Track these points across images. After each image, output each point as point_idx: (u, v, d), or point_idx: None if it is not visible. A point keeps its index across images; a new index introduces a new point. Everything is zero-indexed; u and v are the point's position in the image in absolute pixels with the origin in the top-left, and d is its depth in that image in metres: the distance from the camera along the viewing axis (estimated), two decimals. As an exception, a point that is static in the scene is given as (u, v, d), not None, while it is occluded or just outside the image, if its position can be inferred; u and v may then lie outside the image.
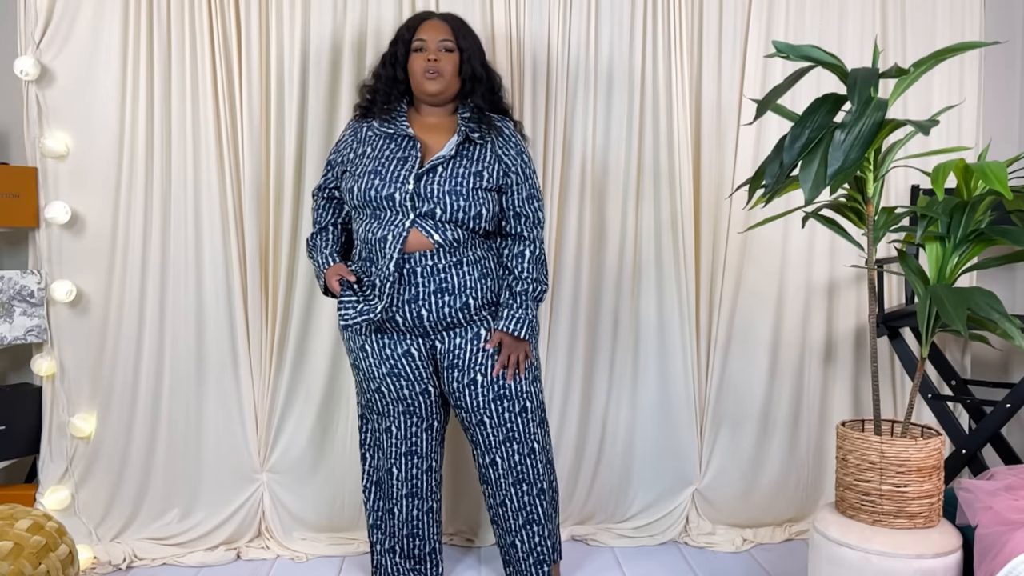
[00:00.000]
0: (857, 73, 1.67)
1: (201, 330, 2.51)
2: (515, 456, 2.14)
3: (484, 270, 2.10)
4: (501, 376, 2.10)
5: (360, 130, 2.15)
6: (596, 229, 2.62)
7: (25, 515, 1.91)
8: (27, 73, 2.34)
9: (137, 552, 2.46)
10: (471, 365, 2.10)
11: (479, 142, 2.09)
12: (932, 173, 1.77)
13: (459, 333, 2.09)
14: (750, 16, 2.60)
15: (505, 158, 2.11)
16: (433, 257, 2.03)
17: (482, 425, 2.12)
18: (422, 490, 2.23)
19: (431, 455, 2.23)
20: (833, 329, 2.71)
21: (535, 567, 2.20)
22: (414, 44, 2.11)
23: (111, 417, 2.48)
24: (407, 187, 2.02)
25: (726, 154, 2.63)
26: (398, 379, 2.13)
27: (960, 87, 2.70)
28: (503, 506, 2.19)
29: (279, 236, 2.52)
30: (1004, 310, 1.67)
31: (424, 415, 2.18)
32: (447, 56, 2.10)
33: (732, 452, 2.68)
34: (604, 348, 2.65)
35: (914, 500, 1.78)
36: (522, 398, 2.13)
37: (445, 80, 2.09)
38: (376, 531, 2.27)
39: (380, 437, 2.22)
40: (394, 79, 2.15)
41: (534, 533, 2.19)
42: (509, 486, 2.16)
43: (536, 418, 2.17)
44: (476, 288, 2.07)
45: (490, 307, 2.11)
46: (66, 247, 2.43)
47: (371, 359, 2.12)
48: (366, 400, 2.21)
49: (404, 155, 2.06)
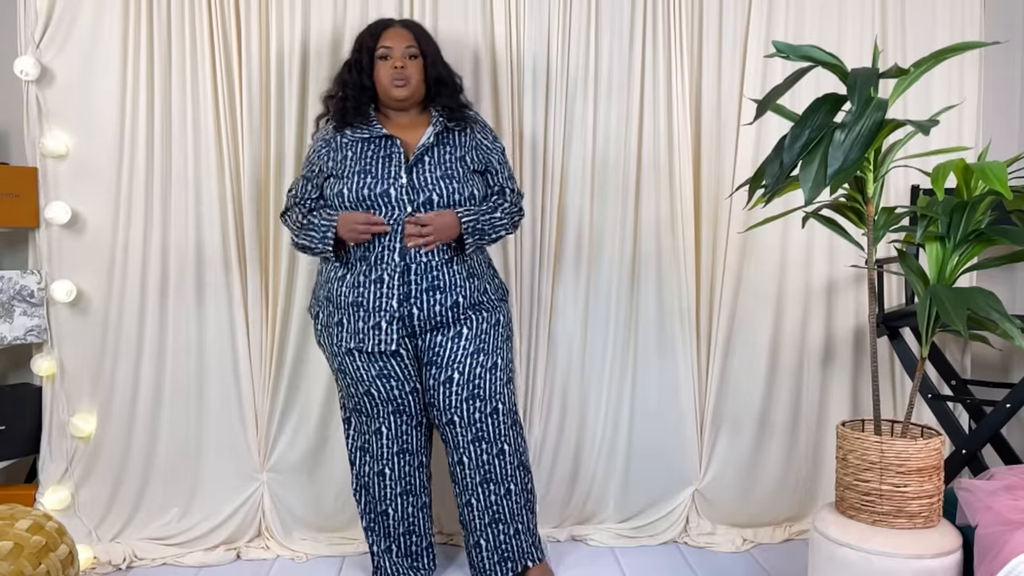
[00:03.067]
0: (857, 73, 1.67)
1: (201, 330, 2.51)
2: (483, 456, 2.15)
3: (472, 269, 2.14)
4: (476, 375, 2.12)
5: (334, 139, 2.16)
6: (596, 229, 2.62)
7: (25, 515, 1.91)
8: (27, 73, 2.34)
9: (137, 552, 2.46)
10: (449, 363, 2.12)
11: (456, 130, 2.17)
12: (932, 173, 1.76)
13: (441, 331, 2.11)
14: (750, 16, 2.60)
15: (484, 142, 2.21)
16: (428, 254, 2.06)
17: (452, 424, 2.14)
18: (415, 487, 2.24)
19: (421, 451, 2.25)
20: (833, 329, 2.71)
21: (499, 565, 2.19)
22: (379, 52, 2.15)
23: (111, 417, 2.48)
24: (400, 181, 2.06)
25: (726, 154, 2.63)
26: (388, 380, 2.14)
27: (960, 87, 2.69)
28: (469, 505, 2.19)
29: (279, 236, 2.52)
30: (1004, 310, 1.67)
31: (413, 412, 2.20)
32: (412, 63, 2.15)
33: (732, 452, 2.68)
34: (604, 348, 2.65)
35: (914, 500, 1.78)
36: (494, 399, 2.14)
37: (412, 86, 2.15)
38: (371, 533, 2.28)
39: (369, 439, 2.22)
40: (361, 86, 2.17)
41: (499, 531, 2.19)
42: (476, 485, 2.17)
43: (508, 420, 2.18)
44: (465, 287, 2.11)
45: (474, 307, 2.13)
46: (66, 247, 2.43)
47: (359, 363, 2.13)
48: (353, 404, 2.22)
49: (387, 153, 2.10)
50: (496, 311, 2.19)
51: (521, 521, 2.21)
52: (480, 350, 2.14)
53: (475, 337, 2.13)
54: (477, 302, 2.14)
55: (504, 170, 2.24)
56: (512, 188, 2.25)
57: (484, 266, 2.22)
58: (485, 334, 2.15)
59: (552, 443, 2.64)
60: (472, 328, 2.13)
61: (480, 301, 2.15)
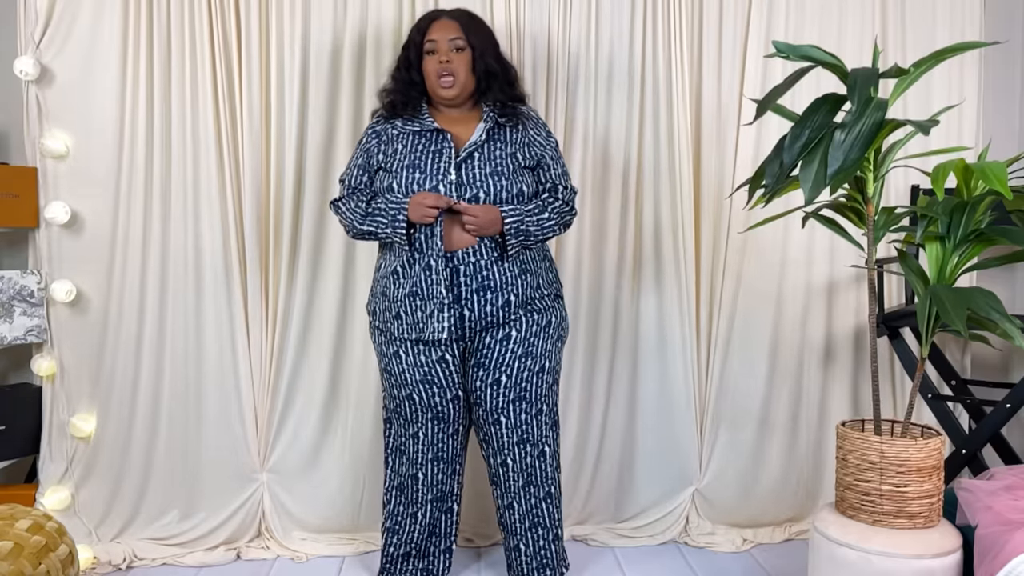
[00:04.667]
0: (857, 73, 1.67)
1: (201, 330, 2.51)
2: (527, 459, 2.14)
3: (524, 265, 2.10)
4: (523, 379, 2.11)
5: (385, 131, 2.14)
6: (596, 229, 2.62)
7: (25, 515, 1.91)
8: (27, 73, 2.34)
9: (137, 552, 2.46)
10: (497, 365, 2.10)
11: (507, 126, 2.12)
12: (932, 173, 1.76)
13: (490, 333, 2.09)
14: (750, 16, 2.60)
15: (538, 138, 2.16)
16: (476, 254, 2.04)
17: (498, 425, 2.13)
18: (446, 494, 2.23)
19: (456, 459, 2.22)
20: (833, 329, 2.71)
21: (538, 571, 2.20)
22: (425, 46, 2.11)
23: (111, 417, 2.48)
24: (450, 177, 2.03)
25: (726, 154, 2.63)
26: (431, 386, 2.12)
27: (960, 87, 2.70)
28: (510, 508, 2.19)
29: (279, 236, 2.52)
30: (1004, 310, 1.67)
31: (451, 420, 2.17)
32: (459, 56, 2.09)
33: (732, 452, 2.68)
34: (604, 348, 2.65)
35: (914, 500, 1.78)
36: (540, 401, 2.14)
37: (460, 82, 2.10)
38: (393, 535, 2.25)
39: (406, 443, 2.20)
40: (410, 82, 2.14)
41: (539, 536, 2.19)
42: (519, 488, 2.16)
43: (549, 421, 2.18)
44: (517, 284, 2.07)
45: (525, 305, 2.10)
46: (66, 247, 2.43)
47: (404, 365, 2.12)
48: (394, 405, 2.20)
49: (438, 148, 2.07)
50: (548, 312, 2.15)
51: (557, 526, 2.22)
52: (528, 353, 2.11)
53: (523, 340, 2.11)
54: (529, 300, 2.10)
55: (557, 165, 2.18)
56: (565, 185, 2.19)
57: (539, 260, 2.16)
58: (534, 336, 2.12)
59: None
60: (521, 331, 2.10)
61: (532, 299, 2.11)
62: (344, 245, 2.53)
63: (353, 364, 2.57)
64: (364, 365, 2.56)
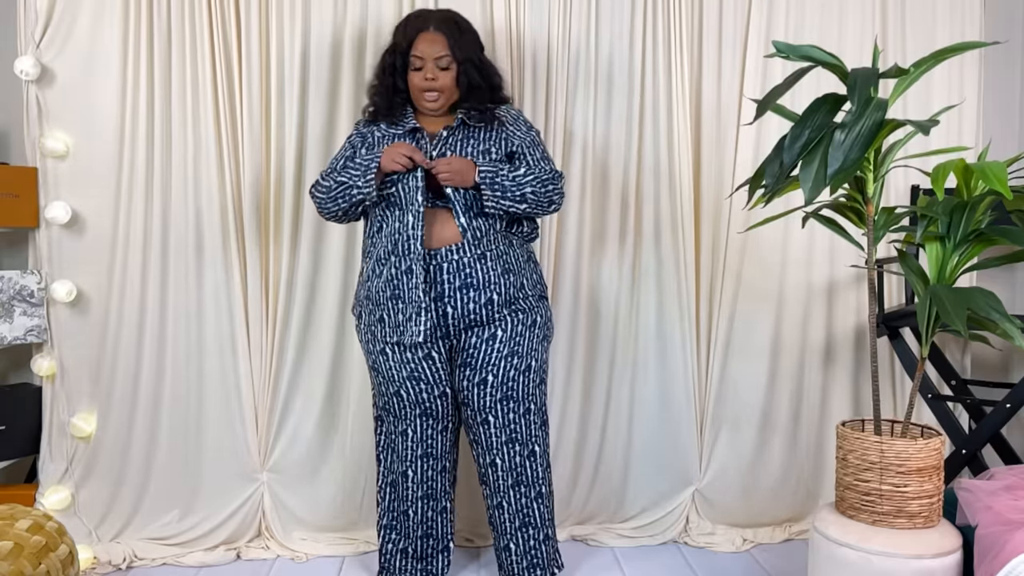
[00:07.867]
0: (857, 73, 1.67)
1: (201, 330, 2.51)
2: (516, 458, 2.14)
3: (507, 265, 2.11)
4: (510, 378, 2.11)
5: (371, 133, 2.17)
6: (596, 229, 2.62)
7: (25, 515, 1.91)
8: (27, 73, 2.34)
9: (137, 552, 2.46)
10: (483, 364, 2.11)
11: (478, 125, 2.13)
12: (932, 173, 1.77)
13: (476, 332, 2.10)
14: (750, 16, 2.60)
15: (517, 132, 2.16)
16: (458, 251, 2.05)
17: (486, 424, 2.13)
18: (437, 491, 2.23)
19: (445, 456, 2.23)
20: (833, 329, 2.71)
21: (528, 571, 2.20)
22: (412, 61, 2.10)
23: (111, 417, 2.48)
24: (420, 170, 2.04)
25: (726, 154, 2.63)
26: (418, 383, 2.13)
27: (960, 87, 2.70)
28: (500, 508, 2.19)
29: (279, 235, 2.52)
30: (1004, 310, 1.67)
31: (440, 417, 2.19)
32: (444, 74, 2.10)
33: (732, 452, 2.68)
34: (604, 348, 2.65)
35: (914, 500, 1.78)
36: (527, 400, 2.14)
37: (445, 96, 2.12)
38: (391, 531, 2.26)
39: (396, 440, 2.22)
40: (394, 88, 2.15)
41: (529, 536, 2.19)
42: (508, 488, 2.16)
43: (538, 420, 2.18)
44: (500, 284, 2.08)
45: (509, 305, 2.11)
46: (66, 247, 2.43)
47: (391, 363, 2.13)
48: (383, 403, 2.21)
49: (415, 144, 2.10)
50: (533, 311, 2.15)
51: (548, 526, 2.22)
52: (514, 353, 2.12)
53: (509, 340, 2.11)
54: (513, 299, 2.11)
55: (535, 151, 2.16)
56: (545, 166, 2.16)
57: (522, 261, 2.17)
58: (520, 336, 2.13)
59: (552, 443, 2.63)
60: (507, 330, 2.11)
61: (516, 299, 2.12)
62: (344, 245, 2.54)
63: (353, 363, 2.57)
64: (364, 364, 2.56)
